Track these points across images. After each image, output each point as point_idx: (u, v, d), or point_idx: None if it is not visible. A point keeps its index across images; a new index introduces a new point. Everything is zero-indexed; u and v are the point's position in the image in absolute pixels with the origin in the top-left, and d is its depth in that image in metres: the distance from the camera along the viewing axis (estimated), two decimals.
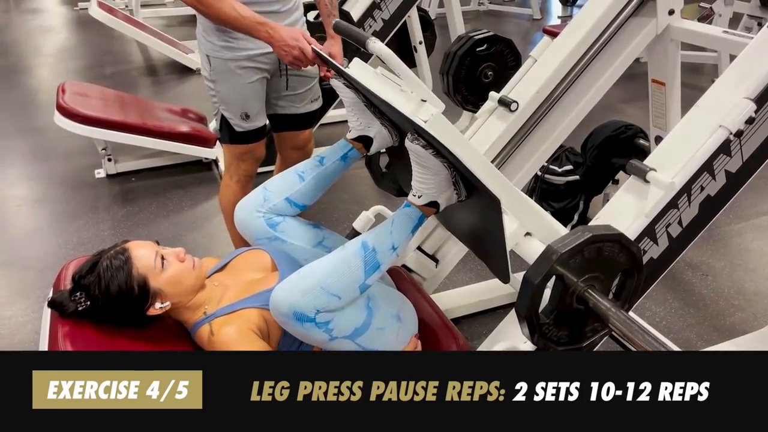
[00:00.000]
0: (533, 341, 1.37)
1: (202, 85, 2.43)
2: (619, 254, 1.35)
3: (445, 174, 1.32)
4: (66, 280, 1.49)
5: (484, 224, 1.44)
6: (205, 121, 3.71)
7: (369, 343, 1.43)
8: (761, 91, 1.45)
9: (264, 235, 1.64)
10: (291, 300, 1.29)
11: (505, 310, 2.34)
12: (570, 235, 1.32)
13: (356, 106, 1.62)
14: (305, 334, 1.34)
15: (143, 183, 3.41)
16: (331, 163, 1.69)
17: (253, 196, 1.67)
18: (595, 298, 1.31)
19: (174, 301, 1.42)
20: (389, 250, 1.38)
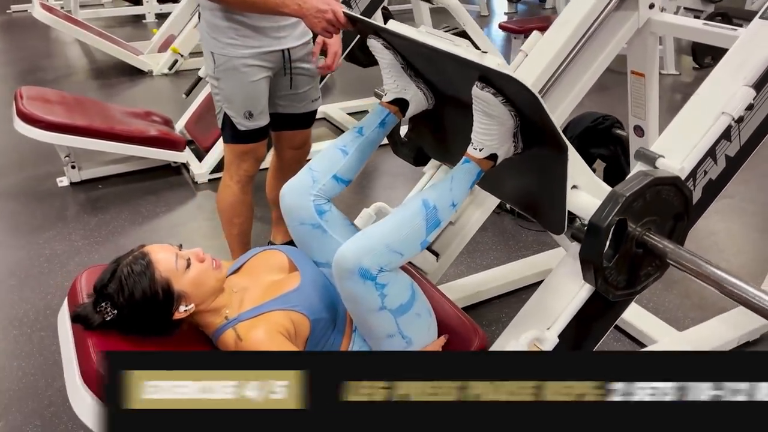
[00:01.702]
0: (597, 285, 1.41)
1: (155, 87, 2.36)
2: (674, 198, 1.41)
3: (510, 124, 1.33)
4: (82, 292, 1.43)
5: (540, 176, 1.46)
6: (171, 123, 3.62)
7: (406, 326, 1.44)
8: (759, 78, 1.53)
9: (310, 220, 1.60)
10: (358, 256, 1.31)
11: (501, 300, 2.40)
12: (631, 180, 1.37)
13: (393, 68, 1.60)
14: (360, 294, 1.35)
15: (111, 190, 3.29)
16: (371, 131, 1.67)
17: (301, 179, 1.64)
18: (655, 239, 1.37)
19: (197, 303, 1.39)
20: (449, 206, 1.41)
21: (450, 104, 1.64)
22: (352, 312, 1.44)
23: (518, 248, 2.74)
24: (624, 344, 2.15)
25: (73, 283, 1.47)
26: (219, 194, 2.28)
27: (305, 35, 2.11)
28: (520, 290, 2.45)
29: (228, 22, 1.94)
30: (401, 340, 1.46)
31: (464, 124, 1.62)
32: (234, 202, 2.24)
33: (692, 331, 2.13)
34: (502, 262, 2.58)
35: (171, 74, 5.32)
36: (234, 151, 2.17)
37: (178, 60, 5.30)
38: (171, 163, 3.50)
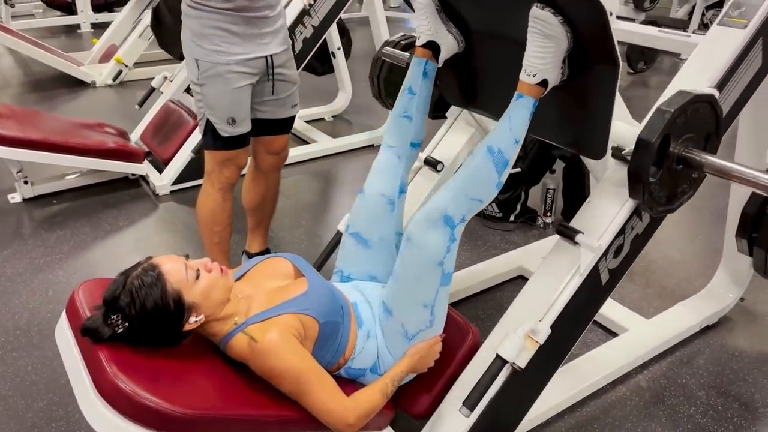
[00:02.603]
0: (644, 199, 1.50)
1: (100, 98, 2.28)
2: (709, 115, 1.52)
3: (565, 46, 1.39)
4: (83, 306, 1.39)
5: (582, 103, 1.52)
6: (126, 135, 3.53)
7: (439, 301, 1.55)
8: (721, 78, 1.66)
9: (390, 194, 1.72)
10: (444, 206, 1.47)
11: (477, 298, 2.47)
12: (675, 97, 1.46)
13: (428, 9, 1.65)
14: (434, 243, 1.48)
15: (69, 205, 3.18)
16: (419, 86, 1.72)
17: (387, 158, 1.74)
18: (695, 153, 1.49)
19: (207, 314, 1.39)
20: (513, 144, 1.48)
21: (485, 44, 1.69)
22: (409, 265, 1.52)
23: (486, 248, 2.83)
24: (597, 334, 2.26)
25: (70, 297, 1.43)
26: (199, 202, 2.27)
27: (286, 41, 2.14)
28: (493, 288, 2.54)
29: (213, 29, 1.94)
30: (429, 316, 1.54)
31: (502, 59, 1.65)
32: (215, 210, 2.23)
33: (658, 319, 2.27)
34: (473, 261, 2.66)
35: (115, 85, 5.18)
36: (216, 157, 2.16)
37: (123, 70, 5.17)
38: (129, 176, 3.42)
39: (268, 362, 1.37)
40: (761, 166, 2.09)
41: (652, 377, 2.07)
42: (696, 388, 2.02)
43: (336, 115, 4.56)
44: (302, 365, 1.38)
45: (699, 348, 2.21)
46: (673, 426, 1.88)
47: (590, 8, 1.28)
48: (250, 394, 1.38)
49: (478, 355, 1.70)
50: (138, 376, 1.24)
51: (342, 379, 1.60)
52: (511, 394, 1.66)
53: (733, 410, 1.94)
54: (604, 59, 1.36)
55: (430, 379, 1.68)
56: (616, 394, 2.01)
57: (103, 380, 1.22)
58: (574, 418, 1.91)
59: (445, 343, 1.67)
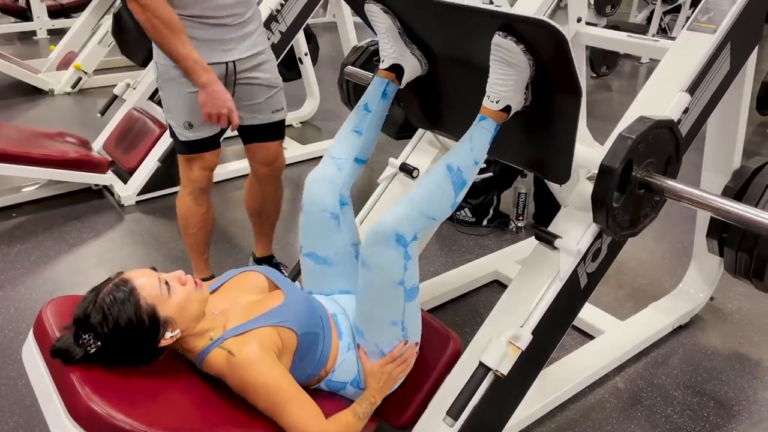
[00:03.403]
0: (607, 225, 1.51)
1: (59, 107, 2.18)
2: (669, 140, 1.53)
3: (528, 74, 1.38)
4: (51, 325, 1.33)
5: (545, 127, 1.52)
6: (88, 144, 3.43)
7: (408, 316, 1.50)
8: (692, 83, 1.69)
9: (331, 209, 1.64)
10: (396, 223, 1.41)
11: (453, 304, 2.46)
12: (634, 125, 1.47)
13: (391, 33, 1.62)
14: (389, 262, 1.42)
15: (29, 218, 3.07)
16: (376, 105, 1.69)
17: (327, 168, 1.67)
18: (657, 178, 1.50)
19: (183, 328, 1.34)
20: (473, 165, 1.47)
21: (448, 67, 1.68)
22: (369, 288, 1.47)
23: (461, 253, 2.82)
24: (573, 337, 2.27)
25: (38, 316, 1.37)
26: (176, 206, 2.28)
27: (256, 46, 2.09)
28: (468, 293, 2.53)
29: None
30: (400, 331, 1.50)
31: (464, 84, 1.65)
32: (187, 213, 2.23)
33: (633, 320, 2.29)
34: (448, 267, 2.65)
35: (74, 93, 5.04)
36: (181, 161, 2.17)
37: (82, 78, 5.03)
38: (92, 186, 3.32)
39: (245, 376, 1.32)
40: (729, 169, 2.14)
41: (629, 378, 2.09)
42: (672, 388, 2.05)
43: (304, 122, 4.52)
44: (280, 380, 1.34)
45: (673, 348, 2.24)
46: (652, 427, 1.90)
47: (551, 38, 1.28)
48: (230, 412, 1.34)
49: (459, 363, 1.68)
50: (113, 398, 1.19)
51: (322, 393, 1.56)
52: (493, 401, 1.65)
53: (709, 409, 1.97)
54: (567, 87, 1.37)
55: (411, 389, 1.66)
56: (594, 396, 2.01)
57: (76, 403, 1.17)
58: (554, 423, 1.91)
59: (426, 351, 1.65)
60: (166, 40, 1.85)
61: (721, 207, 1.46)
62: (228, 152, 3.75)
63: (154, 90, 3.65)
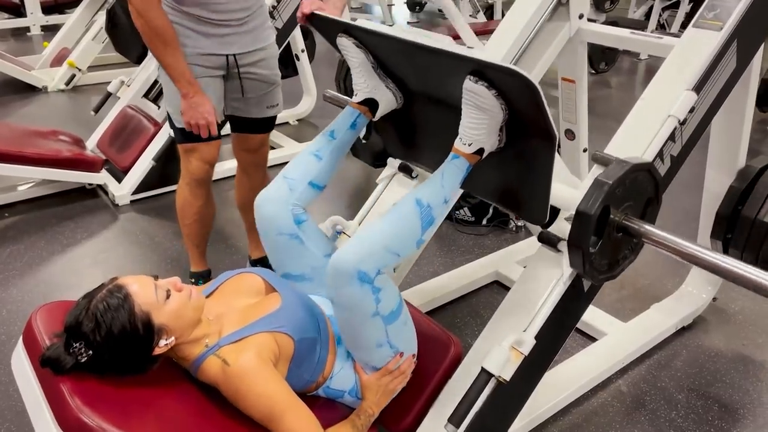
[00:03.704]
0: (584, 270, 1.47)
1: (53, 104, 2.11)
2: (647, 183, 1.50)
3: (501, 118, 1.34)
4: (40, 333, 1.29)
5: (521, 168, 1.48)
6: (82, 143, 3.38)
7: (395, 335, 1.45)
8: (698, 81, 1.65)
9: (288, 230, 1.58)
10: (356, 260, 1.30)
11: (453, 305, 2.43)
12: (611, 168, 1.44)
13: (364, 68, 1.59)
14: (356, 299, 1.33)
15: (22, 218, 3.02)
16: (342, 134, 1.66)
17: (277, 188, 1.60)
18: (635, 223, 1.46)
19: (177, 336, 1.30)
20: (442, 203, 1.42)
21: (422, 102, 1.64)
22: (344, 321, 1.41)
23: (460, 252, 2.79)
24: (576, 339, 2.24)
25: (27, 323, 1.33)
26: (176, 197, 2.28)
27: (258, 42, 2.08)
28: (468, 294, 2.50)
29: (174, 23, 1.92)
30: (389, 349, 1.46)
31: (439, 120, 1.62)
32: (183, 204, 2.23)
33: (635, 322, 2.26)
34: (448, 267, 2.61)
35: (68, 90, 4.98)
36: (180, 150, 2.17)
37: (76, 75, 4.97)
38: (86, 186, 3.27)
39: (240, 386, 1.28)
40: (733, 168, 2.11)
41: (632, 381, 2.06)
42: (676, 391, 2.02)
43: (301, 119, 4.47)
44: (276, 391, 1.30)
45: (676, 350, 2.21)
46: (656, 431, 1.87)
47: (521, 87, 1.24)
48: (226, 423, 1.30)
49: (461, 368, 1.65)
50: (104, 409, 1.16)
51: (320, 400, 1.53)
52: (495, 407, 1.61)
53: (714, 412, 1.94)
54: (540, 133, 1.32)
55: (412, 394, 1.62)
56: (597, 400, 1.98)
57: (66, 415, 1.13)
58: (556, 427, 1.88)
59: (426, 356, 1.61)
60: (156, 49, 1.89)
61: (703, 258, 1.40)
62: (224, 150, 3.69)
63: (148, 87, 3.61)
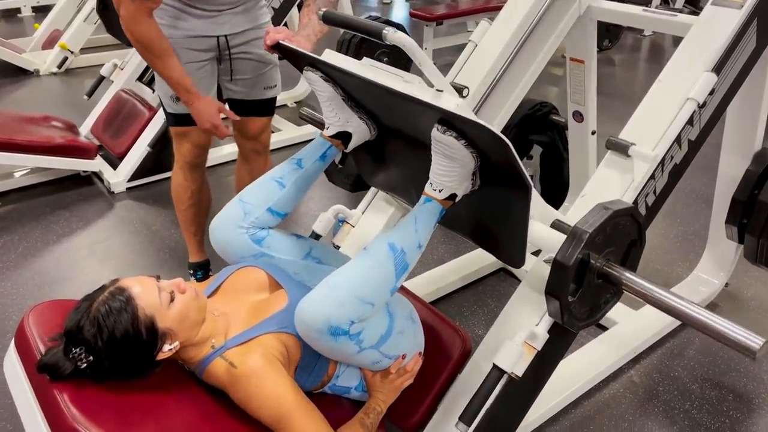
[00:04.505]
0: (563, 320, 1.40)
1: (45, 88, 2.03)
2: (630, 227, 1.43)
3: (472, 166, 1.29)
4: (34, 336, 1.23)
5: (498, 211, 1.42)
6: (75, 129, 3.30)
7: (391, 350, 1.40)
8: (718, 62, 1.57)
9: (249, 252, 1.50)
10: (326, 314, 1.21)
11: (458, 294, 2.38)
12: (591, 215, 1.37)
13: (334, 101, 1.53)
14: (335, 348, 1.26)
15: (15, 207, 2.95)
16: (310, 164, 1.58)
17: (230, 211, 1.51)
18: (616, 270, 1.39)
19: (182, 339, 1.24)
20: (416, 248, 1.34)
21: (395, 136, 1.58)
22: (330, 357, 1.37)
23: (464, 240, 2.71)
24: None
25: (20, 324, 1.27)
26: (171, 181, 2.26)
27: (251, 21, 2.02)
28: (474, 282, 2.44)
29: (164, 4, 1.85)
30: (388, 360, 1.41)
31: (412, 156, 1.56)
32: (177, 188, 2.21)
33: (646, 309, 2.20)
34: (452, 256, 2.55)
35: (61, 73, 4.87)
36: (172, 134, 2.14)
37: (68, 57, 4.86)
38: (80, 173, 3.20)
39: (248, 389, 1.23)
40: (749, 152, 2.04)
41: (645, 371, 2.01)
42: (689, 381, 1.97)
43: (299, 101, 4.37)
44: (286, 392, 1.24)
45: (688, 338, 2.16)
46: (671, 423, 1.82)
47: (492, 141, 1.17)
48: (234, 426, 1.25)
49: (470, 364, 1.59)
50: (102, 419, 1.10)
51: (327, 397, 1.48)
52: (506, 403, 1.56)
53: (728, 402, 1.89)
54: (514, 183, 1.25)
55: (420, 390, 1.57)
56: (609, 391, 1.94)
57: (61, 425, 1.07)
58: (568, 420, 1.84)
59: (434, 351, 1.56)
60: (150, 61, 1.86)
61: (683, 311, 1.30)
62: None
63: (142, 71, 3.51)
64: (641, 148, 1.56)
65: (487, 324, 2.22)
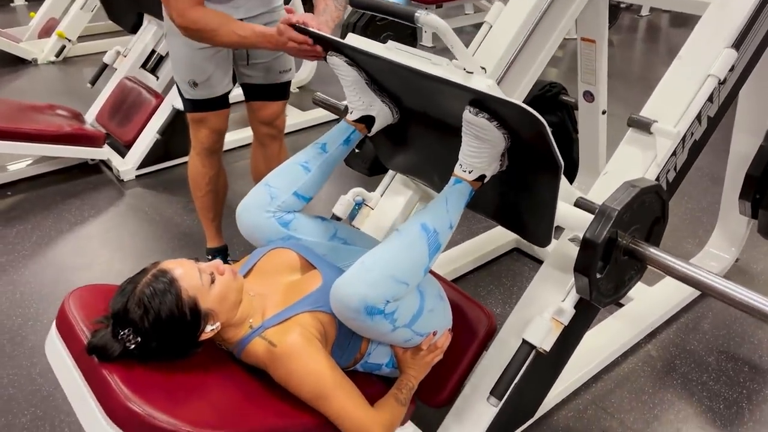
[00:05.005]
0: (591, 297, 1.43)
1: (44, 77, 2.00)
2: (655, 204, 1.45)
3: (503, 146, 1.31)
4: (77, 319, 1.24)
5: (525, 191, 1.44)
6: (81, 117, 3.28)
7: (423, 327, 1.42)
8: (738, 37, 1.59)
9: (277, 235, 1.52)
10: (361, 294, 1.24)
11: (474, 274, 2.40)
12: (619, 192, 1.39)
13: (358, 85, 1.54)
14: (370, 327, 1.30)
15: (25, 196, 2.94)
16: (335, 149, 1.60)
17: (257, 196, 1.53)
18: (642, 246, 1.41)
19: (223, 320, 1.26)
20: (448, 228, 1.37)
21: (419, 119, 1.59)
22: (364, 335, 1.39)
23: (477, 220, 2.74)
24: None
25: (60, 309, 1.27)
26: (188, 165, 2.26)
27: (264, 5, 2.01)
28: (488, 263, 2.47)
29: None
30: (420, 338, 1.44)
31: (435, 139, 1.58)
32: (195, 175, 2.21)
33: (661, 285, 2.24)
34: (466, 237, 2.57)
35: (59, 62, 4.83)
36: (190, 120, 2.13)
37: (66, 45, 4.82)
38: (88, 161, 3.19)
39: (288, 366, 1.25)
40: (762, 128, 2.06)
41: (661, 345, 2.05)
42: (705, 354, 2.01)
43: (302, 86, 4.37)
44: (325, 369, 1.27)
45: (702, 312, 2.20)
46: (689, 394, 1.86)
47: (529, 122, 1.18)
48: (274, 404, 1.27)
49: (496, 341, 1.62)
50: (151, 397, 1.11)
51: (358, 374, 1.50)
52: (533, 378, 1.60)
53: (744, 374, 1.93)
54: (545, 159, 1.26)
55: (448, 368, 1.59)
56: (628, 365, 1.98)
57: (113, 404, 1.09)
58: (589, 394, 1.87)
59: (460, 330, 1.59)
60: (213, 39, 1.78)
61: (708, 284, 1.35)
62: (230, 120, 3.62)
63: (146, 58, 3.50)
64: (663, 125, 1.58)
65: (504, 302, 2.25)
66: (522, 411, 1.70)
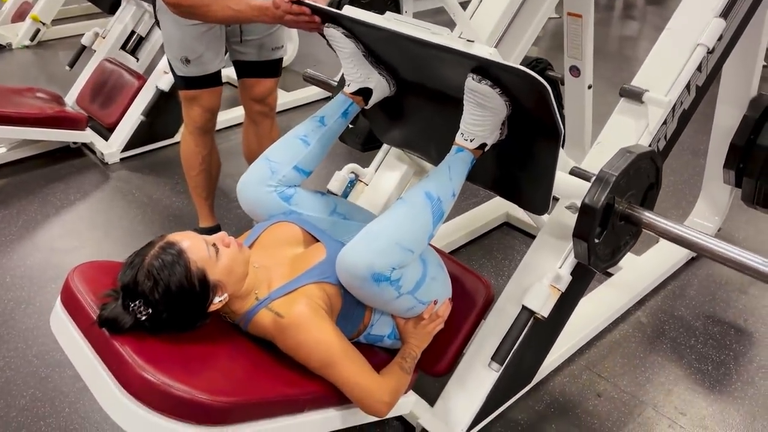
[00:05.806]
0: (589, 262, 1.47)
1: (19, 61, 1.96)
2: (650, 169, 1.49)
3: (504, 114, 1.33)
4: (83, 294, 1.23)
5: (523, 159, 1.47)
6: (62, 100, 3.22)
7: (425, 295, 1.44)
8: (726, 6, 1.63)
9: (278, 210, 1.53)
10: (368, 261, 1.26)
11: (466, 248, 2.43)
12: (616, 159, 1.42)
13: (355, 57, 1.54)
14: (376, 294, 1.32)
15: (7, 181, 2.89)
16: (333, 121, 1.60)
17: (257, 171, 1.54)
18: (638, 211, 1.45)
19: (230, 292, 1.27)
20: (451, 196, 1.39)
21: (416, 90, 1.59)
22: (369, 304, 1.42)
23: (467, 196, 2.77)
24: None
25: (65, 283, 1.27)
26: (180, 143, 2.25)
27: None
28: (479, 237, 2.50)
29: None
30: (422, 306, 1.46)
31: (432, 110, 1.59)
32: (188, 154, 2.21)
33: (649, 255, 2.29)
34: (457, 212, 2.60)
35: (33, 46, 4.72)
36: (182, 98, 2.13)
37: (40, 29, 4.70)
38: (70, 145, 3.14)
39: (296, 337, 1.27)
40: (746, 98, 2.11)
41: (651, 312, 2.11)
42: (692, 319, 2.07)
43: (284, 67, 4.32)
44: (332, 338, 1.29)
45: (688, 279, 2.26)
46: (679, 357, 1.92)
47: (531, 87, 1.20)
48: (283, 373, 1.29)
49: (495, 309, 1.65)
50: (165, 367, 1.12)
51: (361, 345, 1.52)
52: (532, 344, 1.64)
53: (731, 337, 2.00)
54: (547, 130, 1.29)
55: (447, 337, 1.62)
56: (619, 332, 2.03)
57: (128, 375, 1.09)
58: (584, 360, 1.92)
59: (459, 300, 1.61)
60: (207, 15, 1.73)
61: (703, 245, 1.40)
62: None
63: (125, 39, 3.44)
64: (654, 94, 1.62)
65: (497, 274, 2.28)
66: (520, 377, 1.74)
